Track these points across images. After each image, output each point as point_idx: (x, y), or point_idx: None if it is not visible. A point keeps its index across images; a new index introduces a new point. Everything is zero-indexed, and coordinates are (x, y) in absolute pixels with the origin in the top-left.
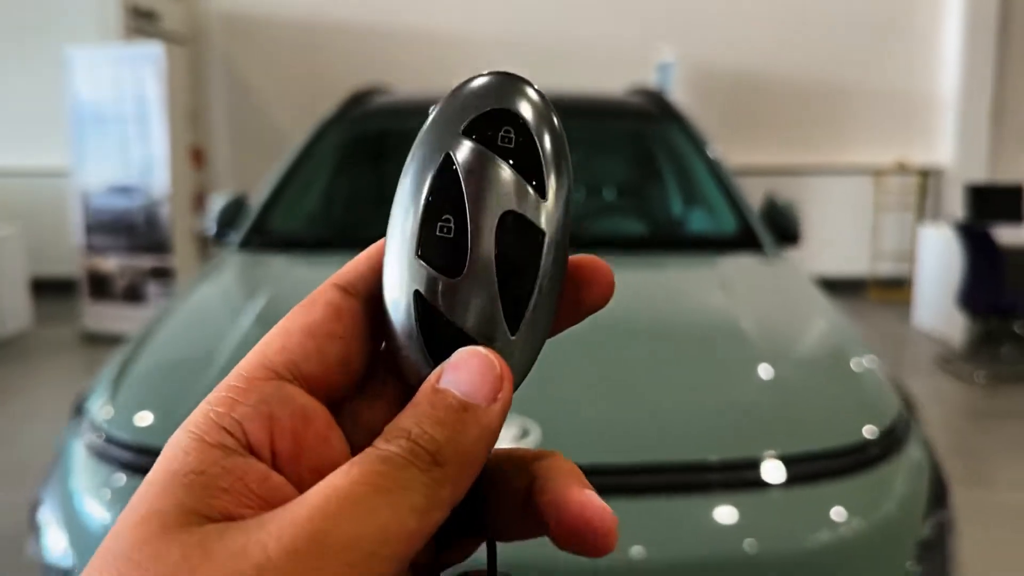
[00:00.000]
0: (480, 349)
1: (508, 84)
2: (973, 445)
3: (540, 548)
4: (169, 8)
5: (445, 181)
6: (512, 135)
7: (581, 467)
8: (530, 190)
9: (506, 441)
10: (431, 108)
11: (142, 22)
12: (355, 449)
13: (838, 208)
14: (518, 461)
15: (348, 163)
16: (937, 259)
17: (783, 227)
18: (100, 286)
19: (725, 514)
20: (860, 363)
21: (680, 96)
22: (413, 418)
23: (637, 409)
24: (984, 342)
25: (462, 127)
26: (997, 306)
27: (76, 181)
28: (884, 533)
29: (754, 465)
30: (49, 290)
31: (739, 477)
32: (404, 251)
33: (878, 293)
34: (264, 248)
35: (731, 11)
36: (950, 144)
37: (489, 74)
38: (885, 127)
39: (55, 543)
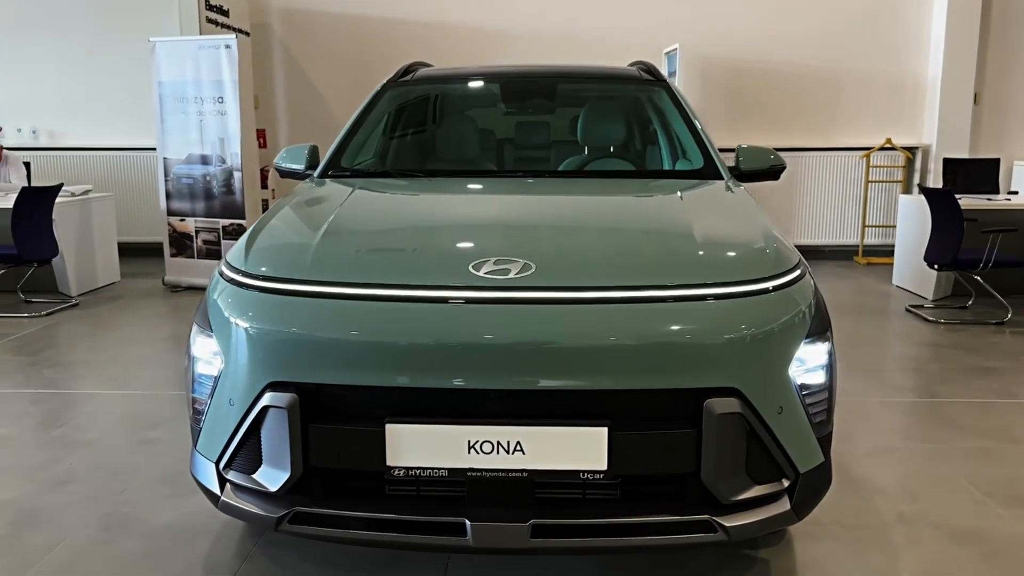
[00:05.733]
0: None
1: None
2: (927, 368)
3: None
4: (236, 3)
5: None
6: None
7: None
8: None
9: (512, 273)
10: None
11: (215, 15)
12: None
13: (831, 184)
14: None
15: (399, 115)
16: (913, 224)
17: (753, 163)
18: (180, 244)
19: (674, 315)
20: (773, 237)
21: (685, 83)
22: None
23: (612, 255)
24: (954, 296)
25: None
26: (956, 260)
27: (160, 153)
28: (774, 332)
29: (686, 288)
30: (136, 253)
31: (684, 296)
32: None
33: (865, 258)
34: (335, 178)
35: (731, 4)
36: (934, 125)
37: None
38: (874, 111)
39: (202, 345)
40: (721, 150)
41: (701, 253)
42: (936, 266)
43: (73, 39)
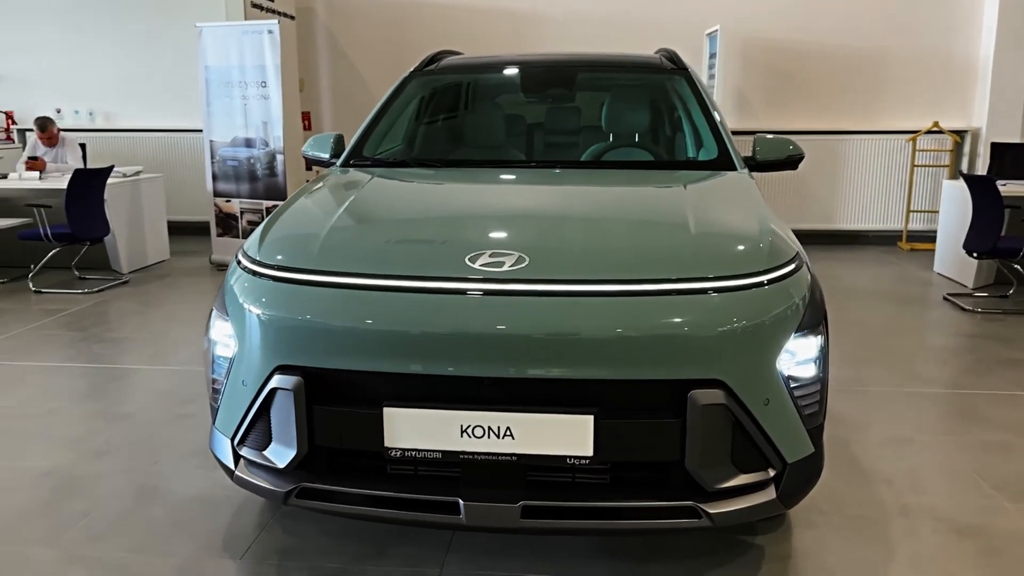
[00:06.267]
0: None
1: None
2: (956, 358)
3: None
4: None
5: None
6: None
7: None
8: None
9: (506, 265)
10: None
11: (259, 0)
12: None
13: (875, 168)
14: None
15: (421, 104)
16: (956, 210)
17: (769, 154)
18: (226, 224)
19: (662, 308)
20: (769, 230)
21: (726, 64)
22: None
23: (605, 249)
24: (996, 284)
25: None
26: (995, 249)
27: (206, 136)
28: (763, 325)
29: (677, 282)
30: (184, 231)
31: (673, 289)
32: None
33: (909, 244)
34: (357, 167)
35: None
36: (985, 108)
37: None
38: (922, 92)
39: (219, 329)
40: (755, 132)
41: (694, 246)
42: (975, 254)
43: (129, 23)
